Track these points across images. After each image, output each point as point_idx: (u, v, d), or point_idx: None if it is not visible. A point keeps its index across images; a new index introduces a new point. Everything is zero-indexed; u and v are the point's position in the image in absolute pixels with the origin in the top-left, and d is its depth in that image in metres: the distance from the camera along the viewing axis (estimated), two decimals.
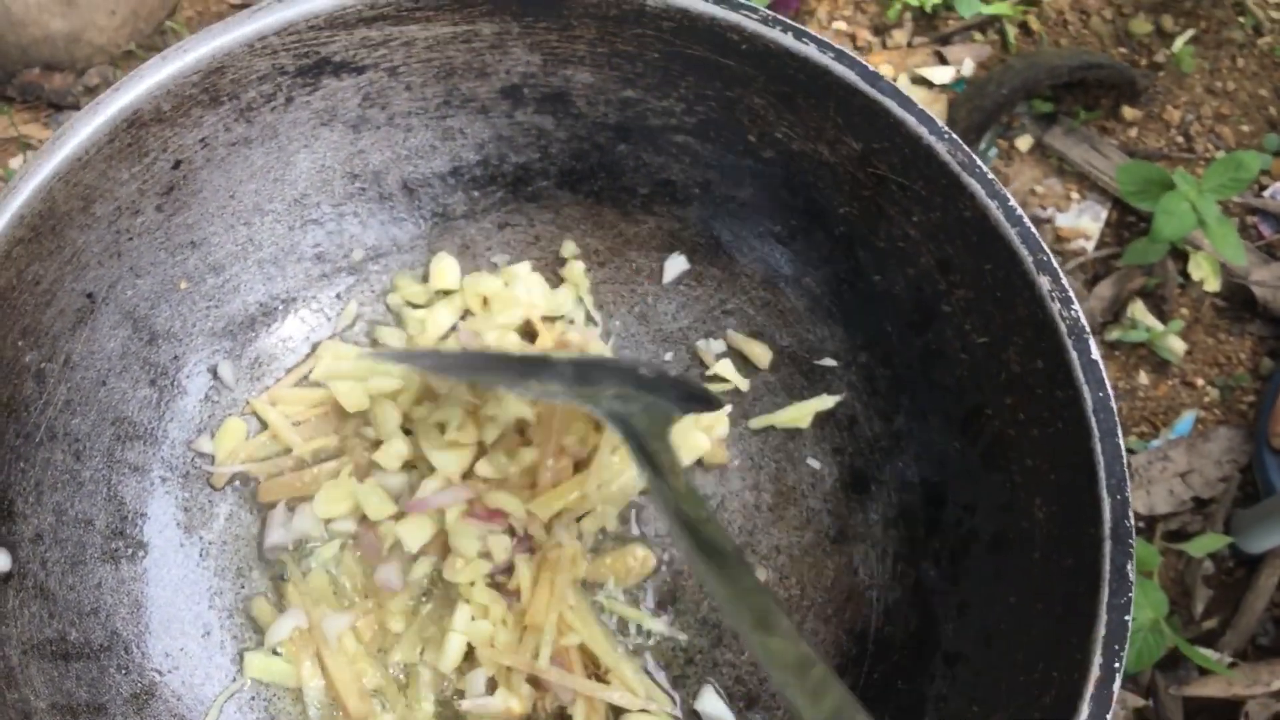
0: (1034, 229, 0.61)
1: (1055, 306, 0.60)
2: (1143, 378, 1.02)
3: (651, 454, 0.61)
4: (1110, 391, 0.59)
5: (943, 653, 0.64)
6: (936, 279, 0.66)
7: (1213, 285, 1.04)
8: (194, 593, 0.70)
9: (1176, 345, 1.02)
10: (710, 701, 0.70)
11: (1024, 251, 0.61)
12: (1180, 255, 1.05)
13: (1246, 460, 0.97)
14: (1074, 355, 0.59)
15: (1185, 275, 1.05)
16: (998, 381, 0.63)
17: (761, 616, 0.51)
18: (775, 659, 0.50)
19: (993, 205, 0.61)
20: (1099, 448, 0.57)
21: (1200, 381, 1.02)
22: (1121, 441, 0.58)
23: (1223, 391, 1.01)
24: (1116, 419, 0.59)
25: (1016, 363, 0.62)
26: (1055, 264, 0.60)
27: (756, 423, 0.77)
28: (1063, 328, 0.59)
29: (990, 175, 0.61)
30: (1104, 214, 1.08)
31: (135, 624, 0.67)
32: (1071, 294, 0.60)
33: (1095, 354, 0.59)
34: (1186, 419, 1.00)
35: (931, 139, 0.63)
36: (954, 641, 0.64)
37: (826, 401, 0.75)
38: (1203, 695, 0.89)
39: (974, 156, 0.62)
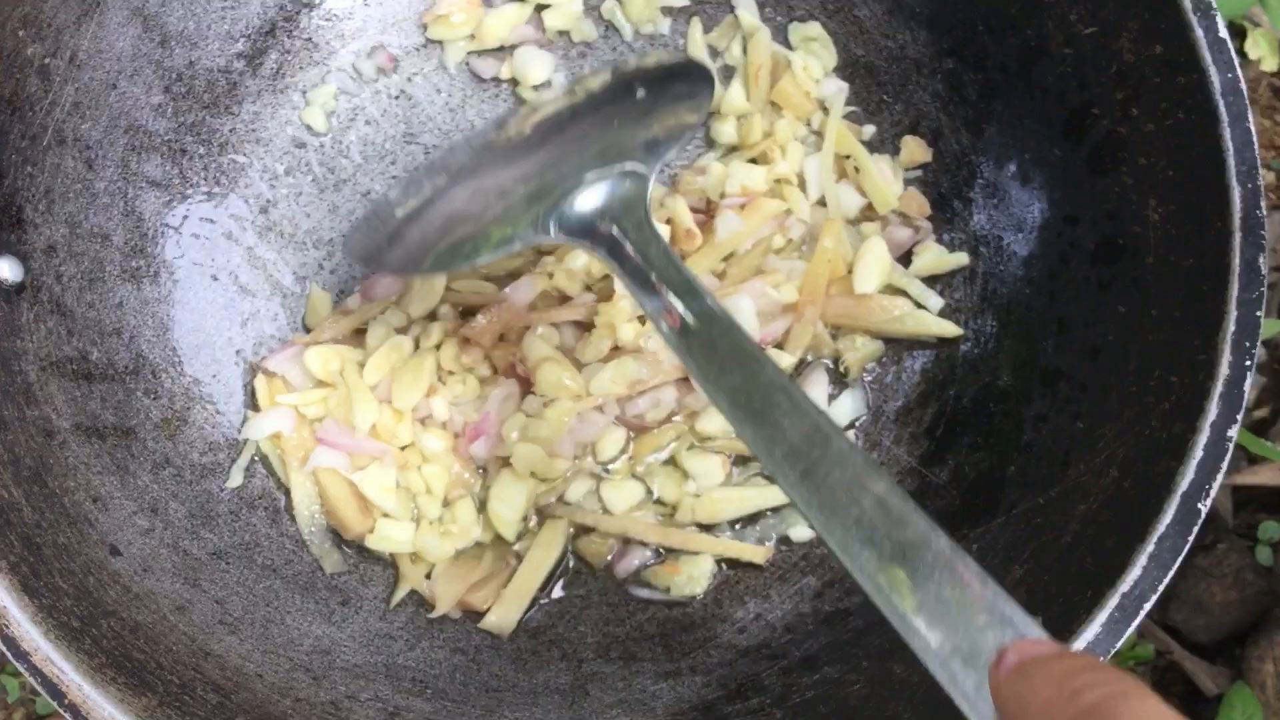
0: None
1: None
2: None
3: (638, 247, 0.51)
4: (1240, 72, 0.54)
5: (1040, 370, 0.60)
6: None
7: (1271, 64, 0.99)
8: (224, 317, 0.65)
9: None
10: None
11: None
12: (1238, 32, 1.00)
13: None
14: (1199, 34, 0.54)
15: (1242, 54, 0.99)
16: (1108, 75, 0.58)
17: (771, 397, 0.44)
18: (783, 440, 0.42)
19: None
20: (1227, 134, 0.53)
21: None
22: (1252, 125, 0.53)
23: (1279, 175, 0.96)
24: (1246, 101, 0.53)
25: (1130, 51, 0.57)
26: None
27: None
28: (1186, 3, 0.54)
29: None
30: None
31: (162, 347, 0.62)
32: None
33: (1223, 31, 0.54)
34: None
35: None
36: (1053, 359, 0.60)
37: None
38: (1253, 484, 0.86)
39: None
